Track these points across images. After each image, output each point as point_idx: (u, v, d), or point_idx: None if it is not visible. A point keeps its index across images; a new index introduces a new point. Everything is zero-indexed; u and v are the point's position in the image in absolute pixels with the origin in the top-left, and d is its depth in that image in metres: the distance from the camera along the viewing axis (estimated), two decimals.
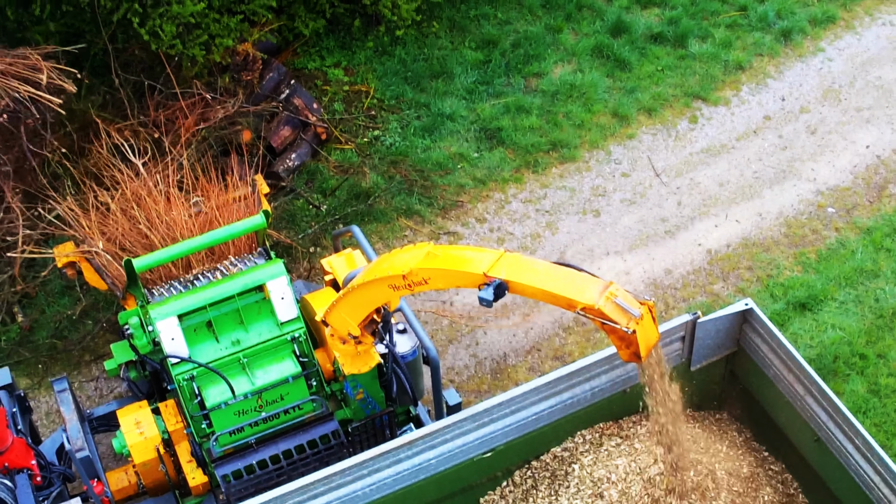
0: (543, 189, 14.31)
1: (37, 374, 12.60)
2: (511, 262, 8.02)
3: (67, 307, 12.97)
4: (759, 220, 13.97)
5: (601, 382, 9.43)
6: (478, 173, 14.46)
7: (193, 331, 9.69)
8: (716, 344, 9.69)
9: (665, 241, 13.73)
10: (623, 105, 15.28)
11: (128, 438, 9.76)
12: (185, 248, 9.94)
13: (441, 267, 8.21)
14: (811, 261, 13.47)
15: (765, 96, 15.57)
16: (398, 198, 14.07)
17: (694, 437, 9.48)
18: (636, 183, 14.42)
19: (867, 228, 13.82)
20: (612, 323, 7.66)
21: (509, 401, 9.03)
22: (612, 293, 7.71)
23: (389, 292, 8.63)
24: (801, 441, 9.48)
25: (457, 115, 15.05)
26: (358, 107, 15.10)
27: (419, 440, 8.82)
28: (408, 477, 9.01)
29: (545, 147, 14.77)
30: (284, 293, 9.74)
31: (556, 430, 9.52)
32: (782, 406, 9.48)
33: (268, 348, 9.72)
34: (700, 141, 14.95)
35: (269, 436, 9.73)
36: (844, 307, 12.96)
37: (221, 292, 9.74)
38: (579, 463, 9.38)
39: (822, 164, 14.66)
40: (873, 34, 16.48)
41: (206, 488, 9.85)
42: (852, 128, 15.13)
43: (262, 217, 10.05)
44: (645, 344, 7.77)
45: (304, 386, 9.75)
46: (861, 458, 8.77)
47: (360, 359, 9.62)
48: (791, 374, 9.24)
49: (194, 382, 9.51)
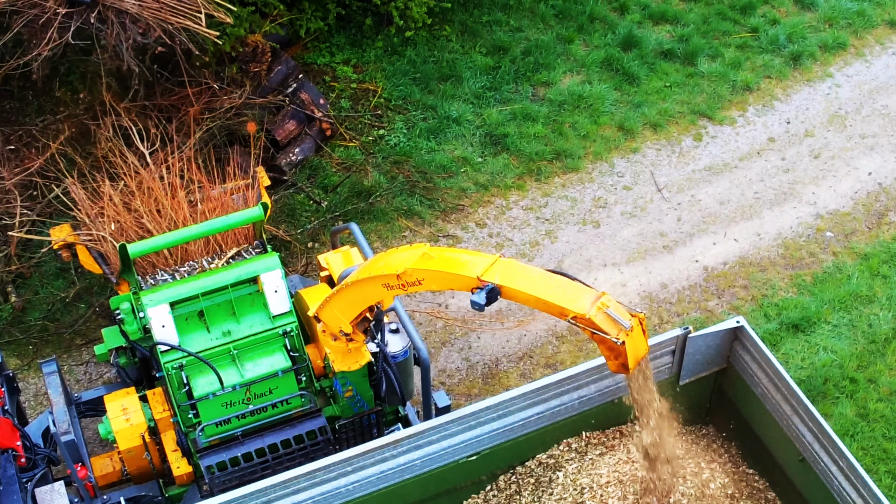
0: (545, 197, 14.31)
1: (27, 355, 12.58)
2: (505, 268, 8.02)
3: (61, 289, 12.95)
4: (758, 240, 13.97)
5: (590, 392, 9.42)
6: (480, 178, 14.46)
7: (185, 320, 9.65)
8: (706, 360, 9.68)
9: (663, 256, 13.73)
10: (629, 119, 15.28)
11: (114, 424, 9.75)
12: (181, 236, 9.89)
13: (435, 268, 8.21)
14: (807, 283, 13.47)
15: (770, 118, 15.56)
16: (399, 198, 14.07)
17: (679, 451, 9.47)
18: (637, 196, 14.42)
19: (865, 254, 13.81)
20: (602, 333, 7.66)
21: (497, 405, 9.02)
22: (603, 304, 7.72)
23: (383, 291, 8.62)
24: (786, 460, 9.47)
25: (463, 119, 15.06)
26: (365, 105, 15.10)
27: (405, 440, 8.81)
28: (392, 476, 8.99)
29: (549, 156, 14.77)
30: (278, 286, 9.72)
31: (542, 436, 9.51)
32: (769, 424, 9.47)
33: (259, 341, 9.70)
34: (703, 159, 14.95)
35: (255, 429, 9.72)
36: (837, 331, 12.95)
37: (214, 282, 9.71)
38: (564, 470, 9.37)
39: (823, 188, 14.65)
40: (883, 63, 16.48)
41: (190, 478, 9.83)
42: (856, 154, 15.13)
43: (259, 209, 10.00)
44: (633, 356, 7.78)
45: (293, 381, 9.73)
46: (845, 480, 8.76)
47: (351, 356, 9.62)
48: (779, 394, 9.24)
49: (183, 371, 9.48)
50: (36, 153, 13.22)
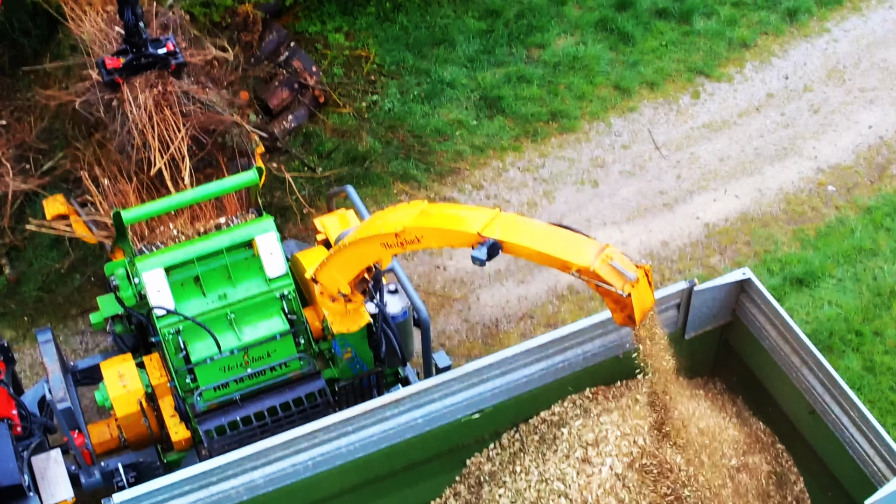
0: (542, 158, 14.16)
1: (22, 327, 12.49)
2: (506, 222, 7.89)
3: (55, 260, 12.83)
4: (759, 196, 13.82)
5: (594, 347, 9.28)
6: (476, 141, 14.31)
7: (181, 285, 9.55)
8: (712, 313, 9.55)
9: (663, 214, 13.59)
10: (625, 78, 15.11)
11: (110, 391, 9.65)
12: (176, 202, 9.77)
13: (434, 226, 8.07)
14: (809, 238, 13.34)
15: (768, 74, 15.40)
16: (395, 162, 13.92)
17: (685, 405, 9.32)
18: (636, 155, 14.27)
19: (867, 207, 13.68)
20: (606, 286, 7.52)
21: (500, 362, 8.89)
22: (608, 255, 7.59)
23: (381, 250, 8.47)
24: (795, 413, 9.35)
25: (457, 83, 14.89)
26: (357, 72, 14.94)
27: (406, 398, 8.69)
28: (393, 436, 8.86)
29: (545, 117, 14.61)
30: (273, 249, 9.60)
31: (546, 393, 9.37)
32: (777, 377, 9.34)
33: (256, 304, 9.59)
34: (701, 116, 14.80)
35: (254, 392, 9.62)
36: (842, 284, 12.83)
37: (209, 246, 9.60)
38: (568, 427, 9.21)
39: (824, 142, 14.50)
40: (880, 17, 16.30)
41: (188, 443, 9.72)
42: (855, 108, 14.97)
43: (254, 173, 9.86)
44: (640, 308, 7.64)
45: (291, 343, 9.62)
46: (856, 431, 8.64)
47: (350, 318, 9.47)
48: (787, 346, 9.11)
49: (180, 336, 9.39)
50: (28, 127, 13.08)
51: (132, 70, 10.82)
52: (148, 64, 10.84)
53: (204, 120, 11.21)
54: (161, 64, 10.88)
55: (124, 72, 10.80)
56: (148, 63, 10.83)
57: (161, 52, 10.77)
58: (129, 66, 10.78)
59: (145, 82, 10.94)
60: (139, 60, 10.77)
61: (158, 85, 11.00)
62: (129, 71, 10.82)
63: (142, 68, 10.85)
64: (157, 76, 11.00)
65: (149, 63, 10.83)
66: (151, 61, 10.83)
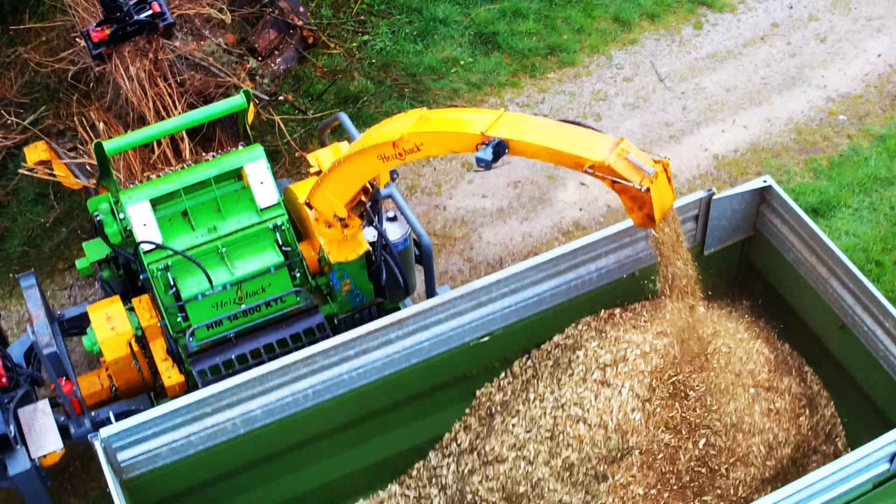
0: (541, 93, 13.67)
1: (8, 284, 12.05)
2: (512, 121, 7.41)
3: (40, 215, 12.39)
4: (768, 126, 13.33)
5: (608, 263, 8.79)
6: (472, 78, 13.83)
7: (168, 221, 9.07)
8: (731, 226, 9.07)
9: (669, 146, 13.09)
10: (624, 10, 14.61)
11: (98, 334, 9.18)
12: (160, 130, 9.26)
13: (435, 130, 7.57)
14: (823, 167, 12.86)
15: (772, 4, 14.90)
16: (388, 102, 13.43)
17: (708, 325, 8.80)
18: (639, 87, 13.77)
19: (881, 136, 13.21)
20: (623, 181, 7.00)
21: (509, 278, 8.43)
22: (623, 149, 7.08)
23: (378, 164, 7.99)
24: (823, 329, 8.87)
25: (450, 20, 14.40)
26: (347, 12, 14.45)
27: (411, 319, 8.22)
28: (398, 361, 8.39)
29: (543, 52, 14.11)
30: (264, 177, 9.12)
31: (558, 315, 8.89)
32: (803, 292, 8.87)
33: (248, 237, 9.10)
34: (705, 47, 14.30)
35: (249, 329, 9.14)
36: (858, 214, 12.36)
37: (196, 177, 9.10)
38: (584, 349, 8.68)
39: (832, 71, 14.01)
40: None
41: (182, 388, 9.23)
42: (863, 36, 14.49)
43: (241, 97, 9.34)
44: (659, 205, 7.13)
45: (287, 277, 9.13)
46: (892, 342, 8.15)
47: (347, 245, 8.99)
48: (814, 256, 8.63)
49: (169, 273, 8.92)
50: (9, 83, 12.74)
51: (119, 39, 10.42)
52: (134, 31, 10.43)
53: (200, 86, 10.78)
54: (149, 28, 10.48)
55: (111, 42, 10.39)
56: (134, 30, 10.41)
57: (146, 15, 10.34)
58: (115, 37, 10.39)
59: (135, 51, 10.51)
60: (125, 30, 10.35)
61: (149, 53, 10.57)
62: (116, 40, 10.42)
63: (129, 36, 10.44)
64: (146, 41, 10.62)
65: (135, 30, 10.42)
66: (137, 28, 10.41)
